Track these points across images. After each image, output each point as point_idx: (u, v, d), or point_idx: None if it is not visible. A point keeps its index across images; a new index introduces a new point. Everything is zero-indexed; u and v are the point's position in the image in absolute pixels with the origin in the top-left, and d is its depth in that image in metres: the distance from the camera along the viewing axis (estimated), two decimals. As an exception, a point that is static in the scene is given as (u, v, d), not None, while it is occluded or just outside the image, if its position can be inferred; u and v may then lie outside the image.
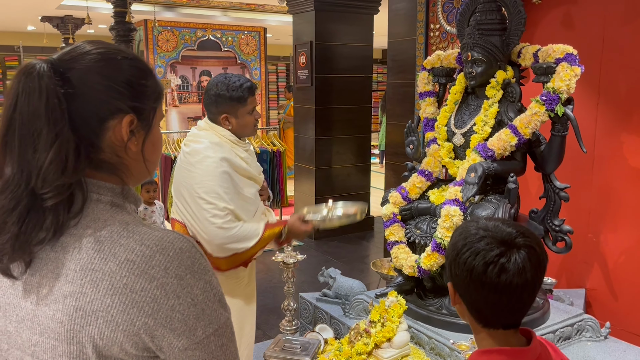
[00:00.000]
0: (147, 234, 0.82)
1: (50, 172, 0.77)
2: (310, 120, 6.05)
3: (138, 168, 0.90)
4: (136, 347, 0.80)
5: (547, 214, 2.54)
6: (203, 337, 0.81)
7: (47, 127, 0.77)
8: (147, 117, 0.88)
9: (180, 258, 0.80)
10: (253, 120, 2.23)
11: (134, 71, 0.86)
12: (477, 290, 1.04)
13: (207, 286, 0.82)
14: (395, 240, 2.53)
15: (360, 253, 5.60)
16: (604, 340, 2.56)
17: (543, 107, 2.27)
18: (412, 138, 2.69)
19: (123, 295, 0.77)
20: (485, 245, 1.03)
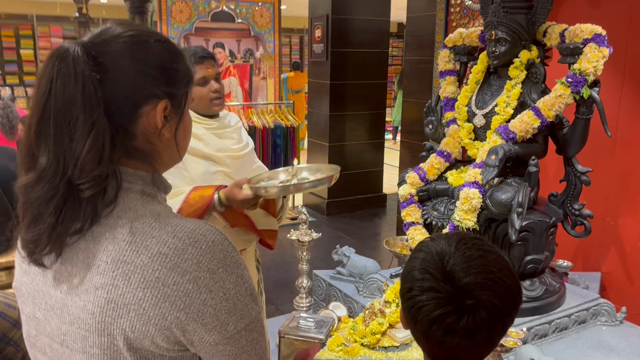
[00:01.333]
0: (179, 225, 0.80)
1: (87, 162, 0.75)
2: (324, 96, 5.99)
3: (169, 154, 0.89)
4: (167, 341, 0.79)
5: (567, 198, 2.50)
6: (234, 332, 0.81)
7: (83, 115, 0.75)
8: (179, 103, 0.87)
9: (212, 251, 0.79)
10: (206, 92, 1.96)
11: (166, 55, 0.84)
12: (422, 340, 0.95)
13: (239, 280, 0.81)
14: (412, 221, 2.52)
15: (372, 230, 5.60)
16: (619, 324, 2.55)
17: (568, 89, 2.21)
18: (432, 118, 2.65)
19: (155, 289, 0.76)
20: (434, 299, 0.90)
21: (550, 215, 2.43)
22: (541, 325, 2.38)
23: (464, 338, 0.90)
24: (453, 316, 0.89)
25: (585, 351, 2.33)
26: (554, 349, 2.34)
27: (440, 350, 0.94)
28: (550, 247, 2.50)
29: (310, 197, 6.38)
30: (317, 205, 6.25)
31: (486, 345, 0.94)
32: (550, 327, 2.41)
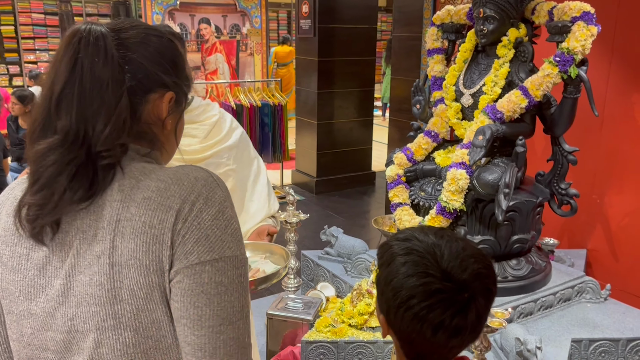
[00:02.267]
0: (163, 170, 0.81)
1: (113, 132, 0.78)
2: (312, 73, 5.92)
3: (169, 146, 0.92)
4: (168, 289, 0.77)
5: (554, 177, 2.51)
6: (196, 262, 0.75)
7: (112, 87, 0.78)
8: (181, 99, 0.90)
9: (194, 186, 0.78)
10: None
11: (177, 53, 0.89)
12: (425, 337, 0.89)
13: (219, 214, 0.78)
14: (399, 202, 2.51)
15: (361, 208, 5.61)
16: (603, 302, 2.59)
17: (556, 68, 2.19)
18: (419, 97, 2.62)
19: (144, 234, 0.75)
20: (440, 302, 0.87)
21: (537, 195, 2.43)
22: (527, 304, 2.40)
23: (467, 334, 0.90)
24: (460, 315, 0.87)
25: (569, 328, 2.36)
26: (539, 326, 2.37)
27: (434, 349, 0.91)
28: (537, 226, 2.52)
29: (299, 176, 6.36)
30: (306, 183, 6.23)
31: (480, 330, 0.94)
32: (536, 306, 2.44)
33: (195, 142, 1.82)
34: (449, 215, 2.29)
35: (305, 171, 6.30)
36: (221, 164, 1.87)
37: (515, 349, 2.04)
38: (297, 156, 6.47)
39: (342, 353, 2.27)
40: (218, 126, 1.89)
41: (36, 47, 9.79)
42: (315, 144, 6.04)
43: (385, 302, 0.93)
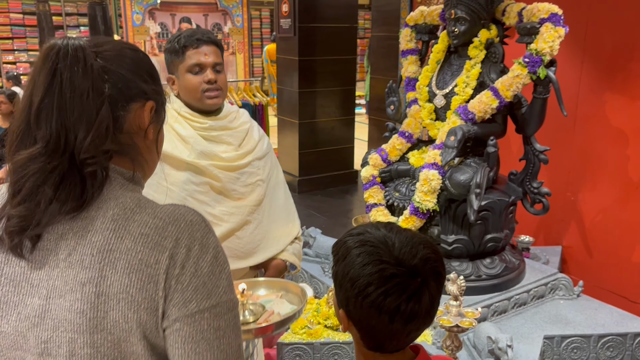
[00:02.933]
0: (159, 207, 0.82)
1: (95, 138, 0.78)
2: (293, 73, 5.91)
3: (151, 157, 0.92)
4: (156, 333, 0.77)
5: (527, 176, 2.54)
6: (195, 311, 0.77)
7: (92, 95, 0.78)
8: (161, 109, 0.92)
9: (190, 230, 0.80)
10: (198, 81, 1.67)
11: (153, 67, 0.91)
12: (385, 325, 0.93)
13: (214, 260, 0.80)
14: (374, 202, 2.53)
15: (343, 207, 5.62)
16: (576, 298, 2.63)
17: (525, 69, 2.22)
18: (393, 99, 2.64)
19: (139, 272, 0.76)
20: (394, 286, 0.90)
21: (510, 194, 2.46)
22: (501, 302, 2.44)
23: (422, 319, 0.93)
24: (414, 299, 0.91)
25: (542, 325, 2.40)
26: (512, 324, 2.40)
27: (403, 326, 0.94)
28: (510, 225, 2.55)
29: (282, 175, 6.37)
30: (289, 182, 6.17)
31: (436, 309, 0.97)
32: (510, 303, 2.47)
33: (230, 149, 1.77)
34: (422, 215, 2.31)
35: (287, 170, 6.30)
36: (253, 174, 1.82)
37: (487, 347, 2.07)
38: (280, 155, 6.46)
39: (317, 354, 2.28)
40: (250, 134, 1.85)
41: (15, 48, 9.67)
42: (297, 143, 6.03)
43: (344, 294, 0.95)
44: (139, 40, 8.15)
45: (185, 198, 1.68)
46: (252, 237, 1.82)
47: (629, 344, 2.35)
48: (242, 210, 1.77)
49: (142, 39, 7.97)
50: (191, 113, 1.71)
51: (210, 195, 1.72)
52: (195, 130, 1.71)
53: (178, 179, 1.69)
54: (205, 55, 1.68)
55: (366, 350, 0.99)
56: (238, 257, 1.78)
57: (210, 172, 1.71)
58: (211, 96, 1.69)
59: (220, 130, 1.74)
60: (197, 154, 1.70)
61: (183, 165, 1.69)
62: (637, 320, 2.44)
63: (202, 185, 1.71)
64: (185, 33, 1.70)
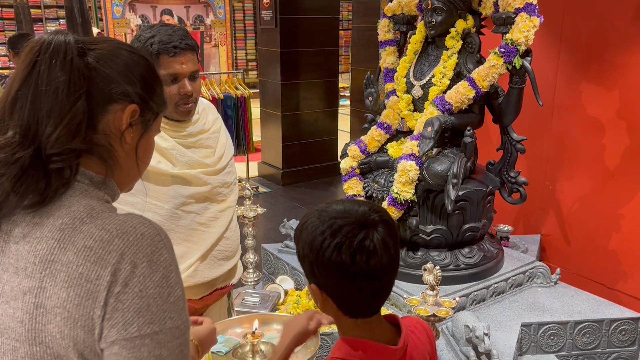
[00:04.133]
0: (110, 218, 0.76)
1: (64, 134, 0.76)
2: (275, 64, 5.88)
3: (129, 165, 0.88)
4: (94, 352, 0.74)
5: (504, 166, 2.56)
6: (136, 336, 0.72)
7: (67, 90, 0.76)
8: (148, 117, 0.88)
9: (139, 244, 0.74)
10: (172, 92, 1.54)
11: (150, 72, 0.87)
12: (348, 283, 0.95)
13: (163, 281, 0.74)
14: (353, 194, 2.53)
15: (326, 199, 5.62)
16: (554, 286, 2.66)
17: (501, 59, 2.23)
18: (371, 90, 2.64)
19: (79, 287, 0.72)
20: (345, 235, 0.94)
21: (487, 184, 2.48)
22: (479, 291, 2.46)
23: (383, 255, 0.95)
24: (368, 239, 0.94)
25: (520, 313, 2.43)
26: (490, 312, 2.43)
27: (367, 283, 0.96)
28: (488, 214, 2.57)
29: (265, 168, 6.34)
30: (272, 175, 6.22)
31: (397, 263, 0.99)
32: (488, 292, 2.50)
33: (210, 152, 1.71)
34: (401, 206, 2.32)
35: (271, 163, 6.29)
36: (231, 173, 1.79)
37: (464, 336, 2.09)
38: (263, 148, 6.44)
39: (298, 346, 2.29)
40: (223, 132, 1.79)
41: (-8, 41, 9.49)
42: (280, 136, 6.02)
43: (309, 265, 0.98)
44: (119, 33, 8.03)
45: (174, 212, 1.63)
46: (236, 235, 1.84)
47: (605, 330, 2.39)
48: (226, 213, 1.76)
49: (123, 31, 7.86)
50: (167, 122, 1.62)
51: (197, 205, 1.68)
52: (175, 139, 1.63)
53: (166, 194, 1.61)
54: (182, 64, 1.54)
55: (346, 318, 1.01)
56: (228, 257, 1.79)
57: (199, 180, 1.66)
58: (186, 108, 1.59)
59: (198, 135, 1.69)
60: (182, 165, 1.64)
61: (169, 179, 1.62)
62: (613, 307, 2.48)
63: (190, 197, 1.65)
64: (159, 36, 1.53)
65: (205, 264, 1.68)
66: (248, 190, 2.77)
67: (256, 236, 2.77)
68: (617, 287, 2.93)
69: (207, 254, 1.69)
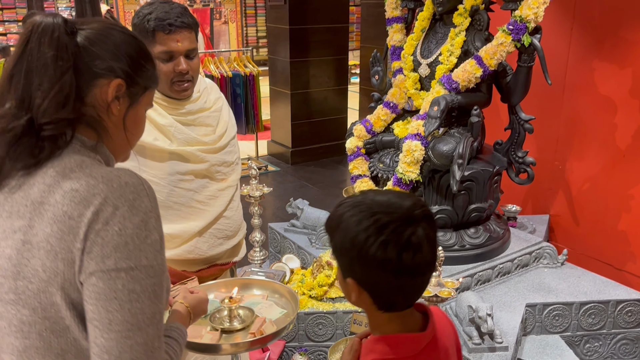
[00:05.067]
0: (98, 168, 0.85)
1: (52, 104, 0.83)
2: (284, 42, 5.82)
3: (118, 135, 0.94)
4: (74, 286, 0.79)
5: (511, 146, 2.53)
6: (112, 268, 0.78)
7: (54, 64, 0.83)
8: (135, 91, 0.94)
9: (122, 190, 0.81)
10: (167, 69, 1.54)
11: (139, 51, 0.94)
12: (391, 280, 0.93)
13: (142, 224, 0.81)
14: (358, 174, 2.52)
15: (336, 178, 5.62)
16: (560, 266, 2.65)
17: (509, 36, 2.18)
18: (377, 68, 2.61)
19: (61, 223, 0.79)
20: (391, 232, 0.91)
21: (494, 164, 2.45)
22: (484, 271, 2.45)
23: (428, 253, 0.93)
24: (415, 236, 0.92)
25: (525, 293, 2.42)
26: (495, 292, 2.42)
27: (411, 279, 0.95)
28: (495, 194, 2.55)
29: (274, 147, 6.34)
30: (282, 154, 6.21)
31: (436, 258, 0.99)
32: (493, 272, 2.49)
33: (210, 131, 1.71)
34: (406, 186, 2.30)
35: (280, 142, 6.28)
36: (232, 152, 1.78)
37: (468, 316, 2.10)
38: (272, 126, 6.43)
39: (302, 324, 2.31)
40: (224, 112, 1.78)
41: (5, 19, 9.51)
42: (290, 114, 6.00)
43: (348, 260, 0.96)
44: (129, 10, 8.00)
45: (172, 189, 1.64)
46: (237, 215, 1.84)
47: (610, 311, 2.38)
48: (225, 193, 1.76)
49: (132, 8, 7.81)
50: (165, 99, 1.63)
51: (195, 183, 1.68)
52: (173, 116, 1.63)
53: (162, 170, 1.62)
54: (178, 42, 1.54)
55: (380, 312, 0.99)
56: (228, 237, 1.80)
57: (196, 158, 1.66)
58: (181, 88, 1.59)
59: (197, 113, 1.69)
60: (180, 142, 1.64)
61: (166, 156, 1.62)
62: (619, 288, 2.47)
63: (187, 174, 1.65)
64: (156, 13, 1.53)
65: (203, 242, 1.69)
66: (254, 169, 2.77)
67: (264, 215, 2.78)
68: (625, 268, 2.90)
69: (203, 231, 1.69)
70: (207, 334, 1.23)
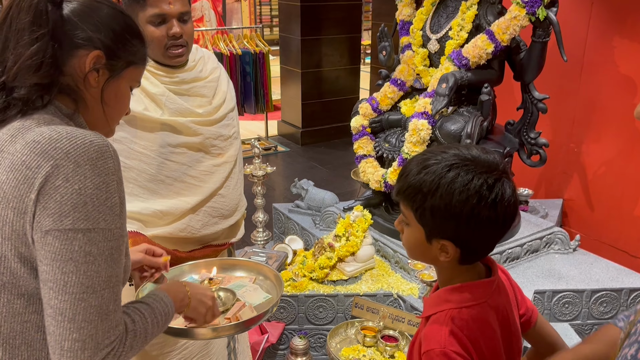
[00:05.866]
0: (64, 126, 0.83)
1: (22, 69, 0.84)
2: (295, 19, 5.70)
3: (97, 108, 0.94)
4: (25, 234, 0.79)
5: (524, 126, 2.42)
6: (69, 228, 0.78)
7: (30, 29, 0.84)
8: (117, 64, 0.93)
9: (86, 148, 0.79)
10: (160, 34, 1.49)
11: (124, 25, 0.94)
12: (492, 235, 0.96)
13: (102, 185, 0.80)
14: (363, 154, 2.44)
15: (346, 159, 5.53)
16: (572, 252, 2.55)
17: (524, 10, 2.07)
18: (385, 44, 2.50)
19: (18, 172, 0.79)
20: (499, 190, 0.92)
21: (505, 145, 2.35)
22: (492, 256, 2.36)
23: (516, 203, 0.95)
24: (513, 193, 0.94)
25: (533, 280, 2.34)
26: (503, 278, 2.34)
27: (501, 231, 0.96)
28: (505, 177, 2.45)
29: (285, 127, 6.26)
30: (292, 134, 6.13)
31: None
32: (502, 257, 2.41)
33: (205, 102, 1.64)
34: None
35: (290, 122, 6.20)
36: (229, 126, 1.71)
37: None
38: (283, 106, 6.34)
39: (302, 307, 2.26)
40: (220, 82, 1.71)
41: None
42: (300, 94, 5.90)
43: (454, 222, 0.93)
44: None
45: (163, 162, 1.57)
46: (234, 194, 1.76)
47: (623, 299, 2.29)
48: (221, 169, 1.68)
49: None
50: (157, 67, 1.56)
51: (188, 156, 1.61)
52: (165, 85, 1.57)
53: (153, 141, 1.55)
54: (170, 4, 1.48)
55: (459, 266, 1.00)
56: (224, 216, 1.72)
57: (189, 130, 1.58)
58: (175, 54, 1.53)
59: (192, 82, 1.61)
60: (171, 113, 1.56)
61: (157, 126, 1.55)
62: (633, 276, 2.37)
63: (180, 146, 1.58)
64: None
65: (197, 220, 1.62)
66: (257, 148, 2.71)
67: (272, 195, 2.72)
68: (641, 255, 2.80)
69: (196, 208, 1.62)
70: (181, 317, 1.18)
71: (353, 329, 2.17)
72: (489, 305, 1.00)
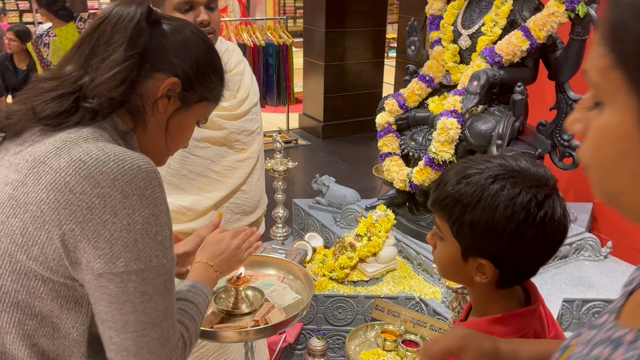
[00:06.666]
0: (113, 147, 0.78)
1: (107, 82, 0.82)
2: (319, 11, 5.62)
3: (157, 134, 0.91)
4: (55, 257, 0.75)
5: (557, 128, 2.32)
6: (123, 271, 0.75)
7: (125, 46, 0.83)
8: (190, 97, 0.91)
9: (134, 175, 0.75)
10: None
11: (209, 59, 0.93)
12: (541, 257, 0.88)
13: (152, 219, 0.76)
14: (388, 151, 2.37)
15: (367, 155, 5.45)
16: (603, 260, 2.46)
17: (563, 5, 1.97)
18: (414, 38, 2.42)
19: (60, 193, 0.74)
20: (549, 208, 0.84)
21: (536, 147, 2.26)
22: (519, 261, 2.29)
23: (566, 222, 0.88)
24: (564, 212, 0.87)
25: (562, 288, 2.25)
26: (530, 285, 2.26)
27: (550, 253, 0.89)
28: (535, 179, 2.36)
29: (306, 120, 6.20)
30: (313, 128, 6.07)
31: None
32: (529, 263, 2.32)
33: (230, 95, 1.61)
34: (438, 167, 2.14)
35: (312, 115, 6.13)
36: (253, 121, 1.68)
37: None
38: (305, 99, 6.28)
39: (321, 307, 2.21)
40: (246, 76, 1.68)
41: None
42: (322, 87, 5.83)
43: (495, 239, 0.85)
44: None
45: (186, 156, 1.54)
46: (257, 190, 1.72)
47: (656, 311, 2.19)
48: (245, 164, 1.65)
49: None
50: None
51: (212, 151, 1.58)
52: None
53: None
54: None
55: (496, 290, 0.92)
56: (246, 212, 1.69)
57: (214, 123, 1.56)
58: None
59: None
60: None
61: None
62: (668, 286, 2.26)
63: (203, 140, 1.56)
64: None
65: None
66: (278, 142, 2.65)
67: (291, 190, 2.67)
68: (674, 264, 2.68)
69: (219, 204, 1.59)
70: (208, 316, 1.12)
71: (373, 332, 2.11)
72: (530, 335, 0.93)
